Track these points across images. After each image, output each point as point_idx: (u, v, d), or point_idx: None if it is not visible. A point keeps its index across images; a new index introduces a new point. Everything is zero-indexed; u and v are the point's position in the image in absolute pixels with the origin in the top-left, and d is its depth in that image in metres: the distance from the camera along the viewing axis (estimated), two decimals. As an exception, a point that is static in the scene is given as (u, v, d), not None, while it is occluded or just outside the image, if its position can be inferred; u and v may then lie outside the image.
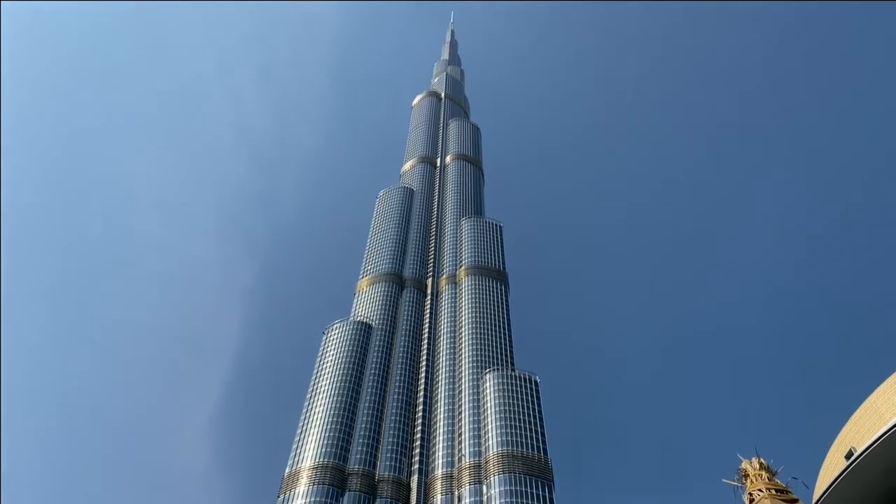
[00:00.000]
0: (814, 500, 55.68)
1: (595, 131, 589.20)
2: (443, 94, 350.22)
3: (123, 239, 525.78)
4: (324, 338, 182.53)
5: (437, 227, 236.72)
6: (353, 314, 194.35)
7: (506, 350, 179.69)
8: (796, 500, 19.59)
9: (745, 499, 19.90)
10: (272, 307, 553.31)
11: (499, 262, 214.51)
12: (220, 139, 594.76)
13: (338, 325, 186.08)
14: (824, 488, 56.08)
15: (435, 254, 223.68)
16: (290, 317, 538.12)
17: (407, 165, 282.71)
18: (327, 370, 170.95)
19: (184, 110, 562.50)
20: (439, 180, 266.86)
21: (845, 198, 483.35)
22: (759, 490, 19.74)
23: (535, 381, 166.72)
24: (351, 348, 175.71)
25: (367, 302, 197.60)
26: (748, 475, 20.42)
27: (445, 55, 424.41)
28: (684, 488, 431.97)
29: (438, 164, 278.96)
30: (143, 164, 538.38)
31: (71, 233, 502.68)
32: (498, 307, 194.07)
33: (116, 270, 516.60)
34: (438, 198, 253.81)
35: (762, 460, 20.49)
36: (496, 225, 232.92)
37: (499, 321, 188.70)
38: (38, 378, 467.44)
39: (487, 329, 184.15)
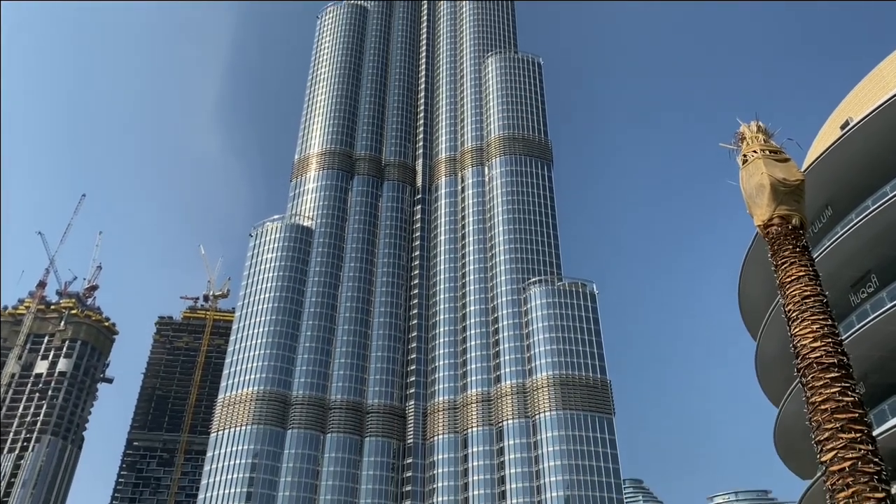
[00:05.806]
0: (804, 167, 57.17)
1: None
2: None
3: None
4: (318, 22, 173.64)
5: None
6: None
7: (509, 33, 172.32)
8: (788, 159, 19.97)
9: (739, 160, 20.29)
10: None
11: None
12: None
13: (332, 7, 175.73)
14: (816, 156, 57.26)
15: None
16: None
17: None
18: (325, 57, 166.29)
19: None
20: None
21: None
22: (754, 151, 20.02)
23: (538, 64, 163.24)
24: (347, 34, 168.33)
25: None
26: (745, 138, 20.56)
27: None
28: (679, 140, 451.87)
29: None
30: None
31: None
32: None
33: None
34: None
35: (760, 124, 20.39)
36: None
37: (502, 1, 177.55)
38: (38, 86, 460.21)
39: (490, 8, 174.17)
